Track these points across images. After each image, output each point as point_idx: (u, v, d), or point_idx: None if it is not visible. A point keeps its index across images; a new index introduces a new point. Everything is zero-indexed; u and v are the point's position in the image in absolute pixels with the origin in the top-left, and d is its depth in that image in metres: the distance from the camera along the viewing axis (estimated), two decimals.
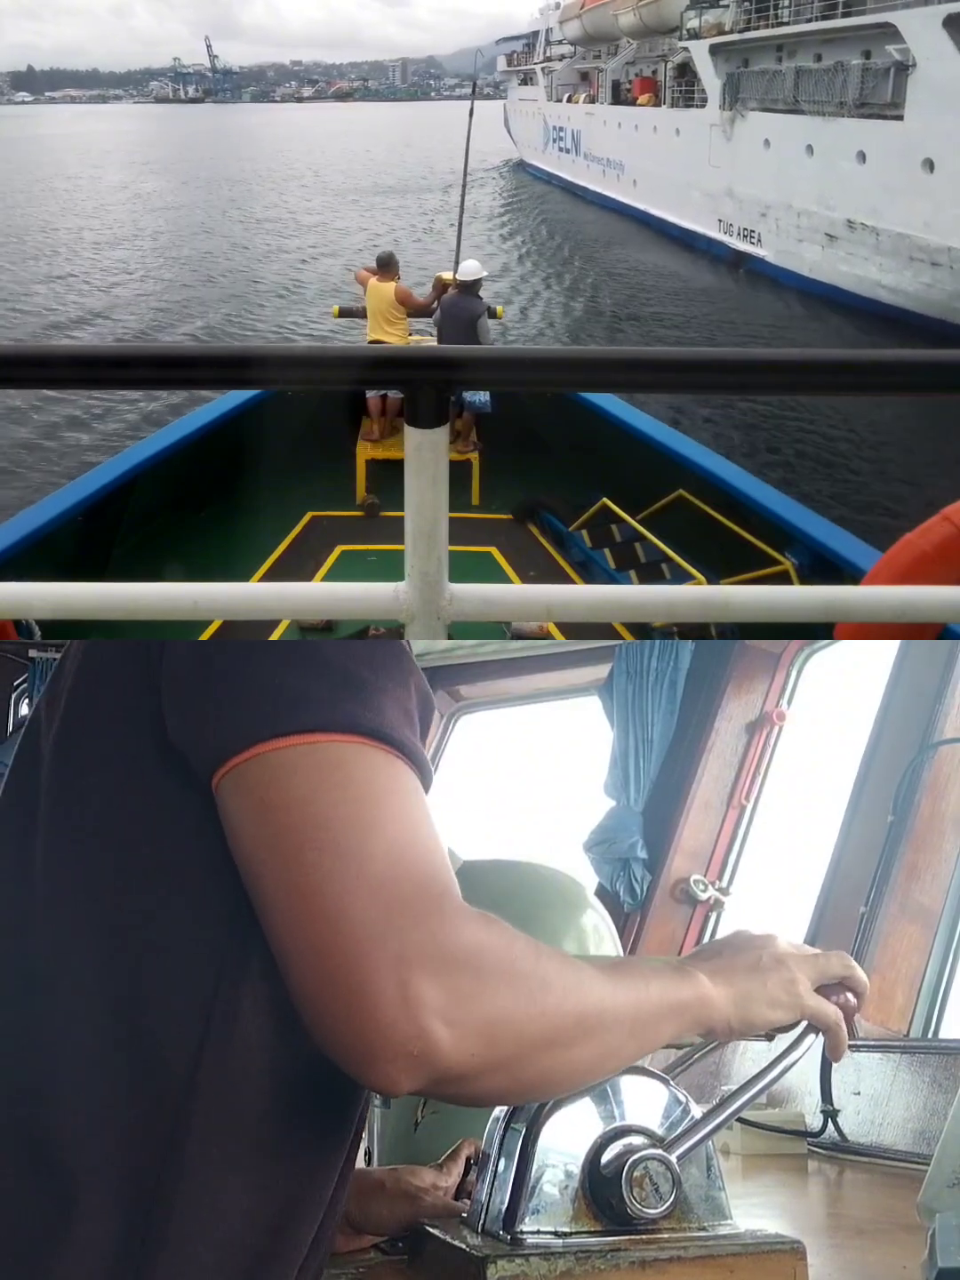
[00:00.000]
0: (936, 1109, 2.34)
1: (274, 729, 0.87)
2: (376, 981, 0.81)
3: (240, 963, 0.91)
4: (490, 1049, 0.85)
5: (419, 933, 0.82)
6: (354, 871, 0.83)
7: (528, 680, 4.58)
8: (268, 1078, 0.91)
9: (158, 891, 0.91)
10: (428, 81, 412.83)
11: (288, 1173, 0.93)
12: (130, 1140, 0.88)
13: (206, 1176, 0.88)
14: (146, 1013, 0.89)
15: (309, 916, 0.83)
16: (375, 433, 7.55)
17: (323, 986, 0.83)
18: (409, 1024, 0.81)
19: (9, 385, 1.36)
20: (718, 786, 3.80)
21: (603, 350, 1.60)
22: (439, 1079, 0.84)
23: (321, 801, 0.85)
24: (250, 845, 0.87)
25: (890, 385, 1.47)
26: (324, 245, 28.07)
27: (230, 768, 0.87)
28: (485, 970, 0.85)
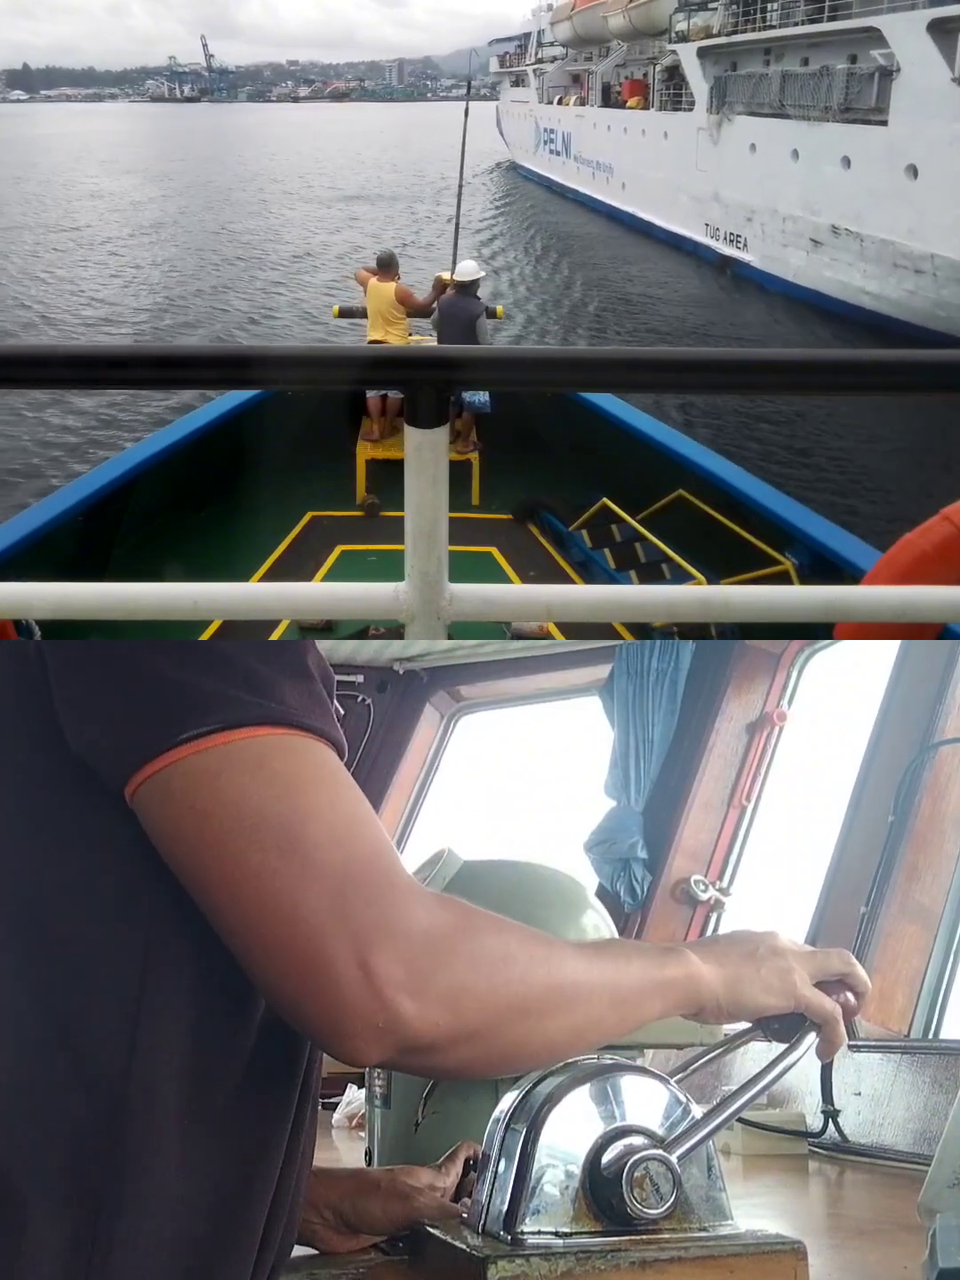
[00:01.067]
0: (937, 1109, 2.34)
1: (185, 732, 0.86)
2: (337, 965, 0.83)
3: (163, 959, 0.91)
4: (456, 1018, 0.87)
5: (372, 911, 0.84)
6: (299, 863, 0.84)
7: (528, 680, 4.58)
8: (200, 1069, 0.91)
9: (74, 900, 0.91)
10: (424, 82, 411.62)
11: (229, 1160, 0.93)
12: (70, 1147, 0.87)
13: (148, 1173, 0.88)
14: (75, 1019, 0.89)
15: (262, 914, 0.84)
16: (375, 433, 7.55)
17: (287, 977, 0.84)
18: (372, 999, 0.83)
19: (9, 385, 1.36)
20: (718, 786, 3.80)
21: (603, 350, 1.60)
22: (407, 1048, 0.86)
23: (253, 799, 0.85)
24: (188, 853, 0.86)
25: (890, 385, 1.47)
26: (301, 268, 25.18)
27: (146, 776, 0.86)
28: (443, 942, 0.87)
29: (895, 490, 11.17)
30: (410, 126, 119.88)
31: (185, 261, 25.96)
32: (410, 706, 4.66)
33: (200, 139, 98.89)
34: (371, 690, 4.62)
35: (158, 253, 27.31)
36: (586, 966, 0.96)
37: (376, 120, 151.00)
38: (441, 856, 1.68)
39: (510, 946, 0.92)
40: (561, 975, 0.94)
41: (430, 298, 8.19)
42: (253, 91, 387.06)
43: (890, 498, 10.93)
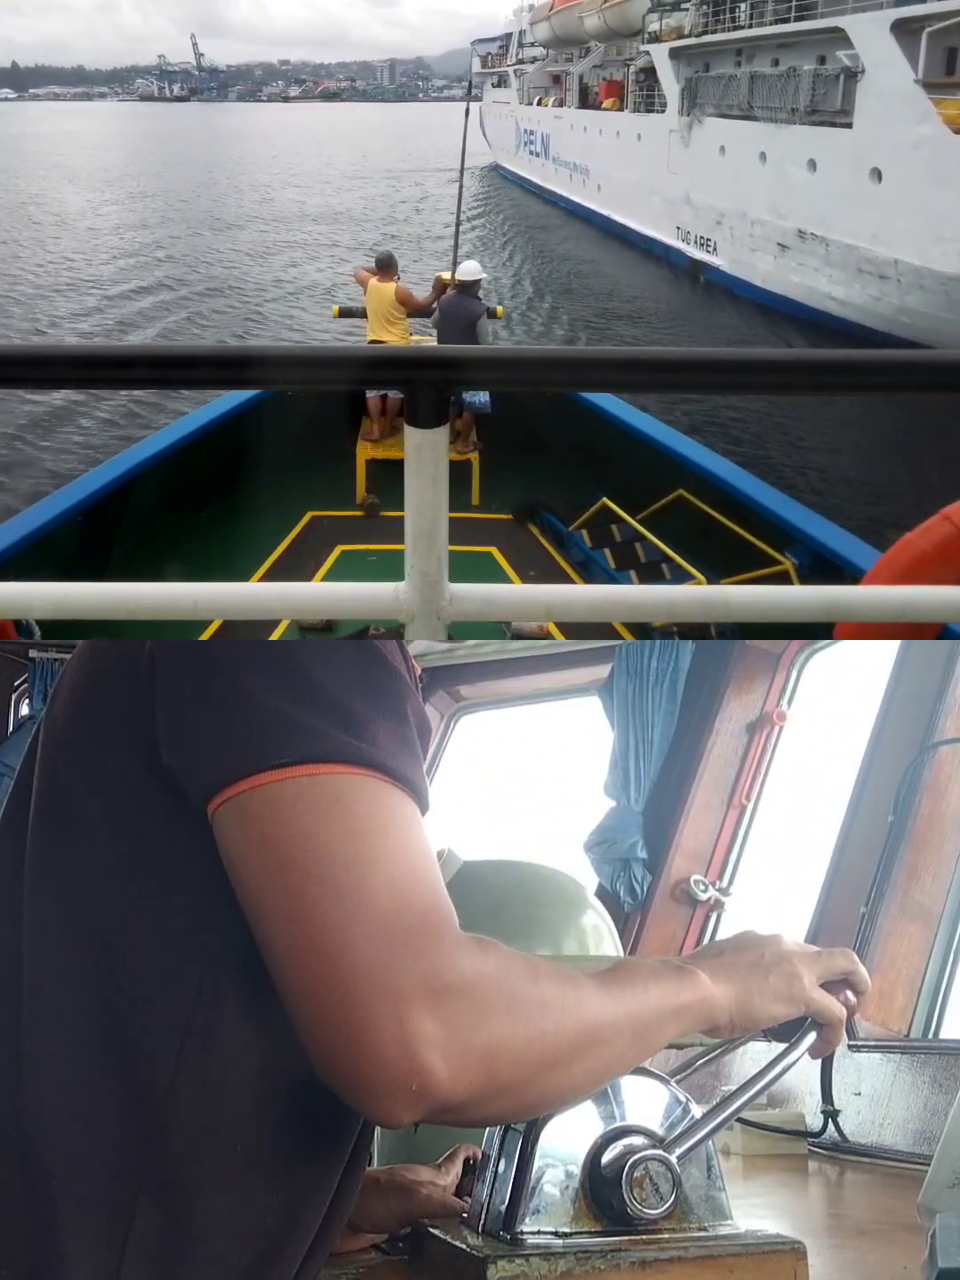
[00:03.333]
0: (936, 1109, 2.34)
1: (272, 760, 0.86)
2: (375, 1019, 0.81)
3: (223, 981, 0.91)
4: (490, 1078, 0.86)
5: (417, 968, 0.83)
6: (354, 907, 0.83)
7: (528, 680, 4.58)
8: (251, 1094, 0.91)
9: (143, 910, 0.91)
10: (415, 82, 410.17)
11: (278, 1189, 0.93)
12: (114, 1160, 0.88)
13: (190, 1196, 0.88)
14: (128, 1031, 0.89)
15: (309, 952, 0.83)
16: (375, 433, 7.55)
17: (323, 1021, 0.83)
18: (408, 1060, 0.81)
19: (9, 385, 1.36)
20: (718, 786, 3.80)
21: (603, 350, 1.60)
22: (439, 1110, 0.85)
23: (322, 836, 0.85)
24: (251, 877, 0.86)
25: (890, 385, 1.48)
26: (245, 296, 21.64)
27: (227, 797, 0.87)
28: (483, 999, 0.86)
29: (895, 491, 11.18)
30: (397, 127, 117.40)
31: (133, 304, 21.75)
32: None
33: (165, 139, 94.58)
34: None
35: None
36: (612, 1005, 0.95)
37: (363, 121, 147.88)
38: (441, 856, 1.68)
39: (545, 995, 0.90)
40: (589, 1019, 0.93)
41: (430, 298, 8.19)
42: (243, 91, 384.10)
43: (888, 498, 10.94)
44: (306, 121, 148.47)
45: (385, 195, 42.39)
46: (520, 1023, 0.87)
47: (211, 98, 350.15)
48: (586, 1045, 0.92)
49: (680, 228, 26.64)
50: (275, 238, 29.97)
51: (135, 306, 20.74)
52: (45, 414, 13.74)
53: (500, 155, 53.09)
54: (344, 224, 33.12)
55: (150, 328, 18.89)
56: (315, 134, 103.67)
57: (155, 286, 22.50)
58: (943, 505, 3.08)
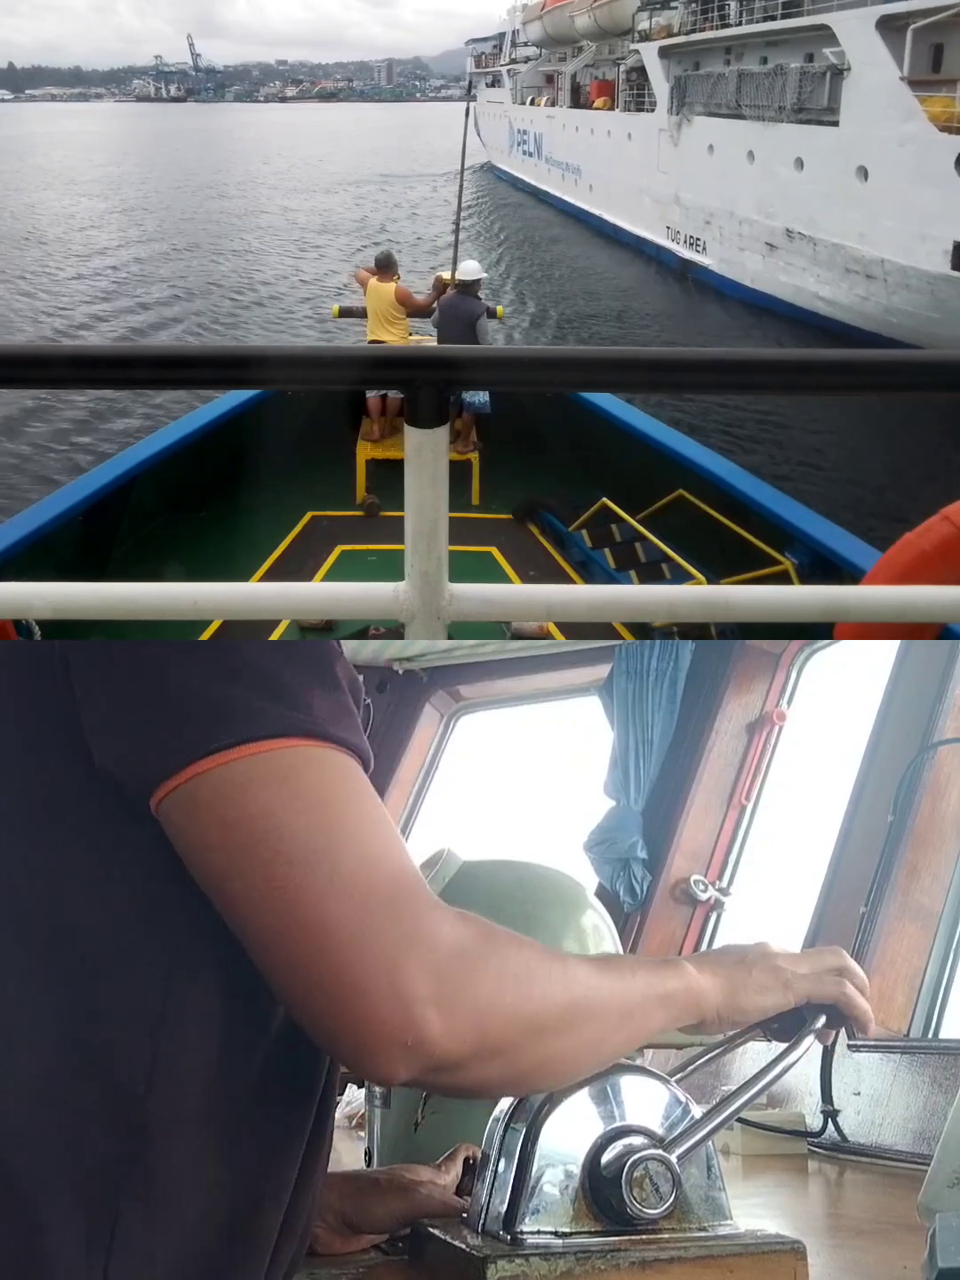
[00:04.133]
0: (936, 1109, 2.34)
1: (214, 744, 0.86)
2: (366, 980, 0.82)
3: (187, 973, 0.90)
4: (482, 1036, 0.86)
5: (401, 927, 0.84)
6: (327, 878, 0.84)
7: (528, 680, 4.58)
8: (219, 1083, 0.91)
9: (97, 914, 0.90)
10: (413, 82, 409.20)
11: (244, 1173, 0.93)
12: (87, 1157, 0.87)
13: (164, 1184, 0.88)
14: (96, 1032, 0.89)
15: (290, 929, 0.83)
16: (375, 433, 7.55)
17: (313, 992, 0.84)
18: (402, 1014, 0.82)
19: (9, 385, 1.36)
20: (718, 786, 3.80)
21: (603, 350, 1.60)
22: (434, 1066, 0.85)
23: (280, 812, 0.85)
24: (215, 864, 0.86)
25: (890, 385, 1.47)
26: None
27: (172, 788, 0.86)
28: (470, 959, 0.87)
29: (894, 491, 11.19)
30: (392, 128, 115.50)
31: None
32: (410, 706, 4.66)
33: (154, 142, 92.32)
34: (371, 690, 4.62)
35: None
36: (597, 982, 0.96)
37: (360, 120, 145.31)
38: (441, 856, 1.68)
39: (529, 964, 0.91)
40: (576, 991, 0.94)
41: (430, 298, 8.19)
42: (240, 91, 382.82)
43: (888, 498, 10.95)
44: (302, 122, 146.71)
45: (377, 199, 41.55)
46: (508, 984, 0.89)
47: (208, 98, 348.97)
48: (574, 1016, 0.94)
49: (670, 227, 26.56)
50: (259, 246, 29.24)
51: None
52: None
53: (494, 155, 53.02)
54: (334, 235, 31.75)
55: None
56: (309, 135, 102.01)
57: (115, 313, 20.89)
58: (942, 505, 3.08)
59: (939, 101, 16.82)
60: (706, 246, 24.47)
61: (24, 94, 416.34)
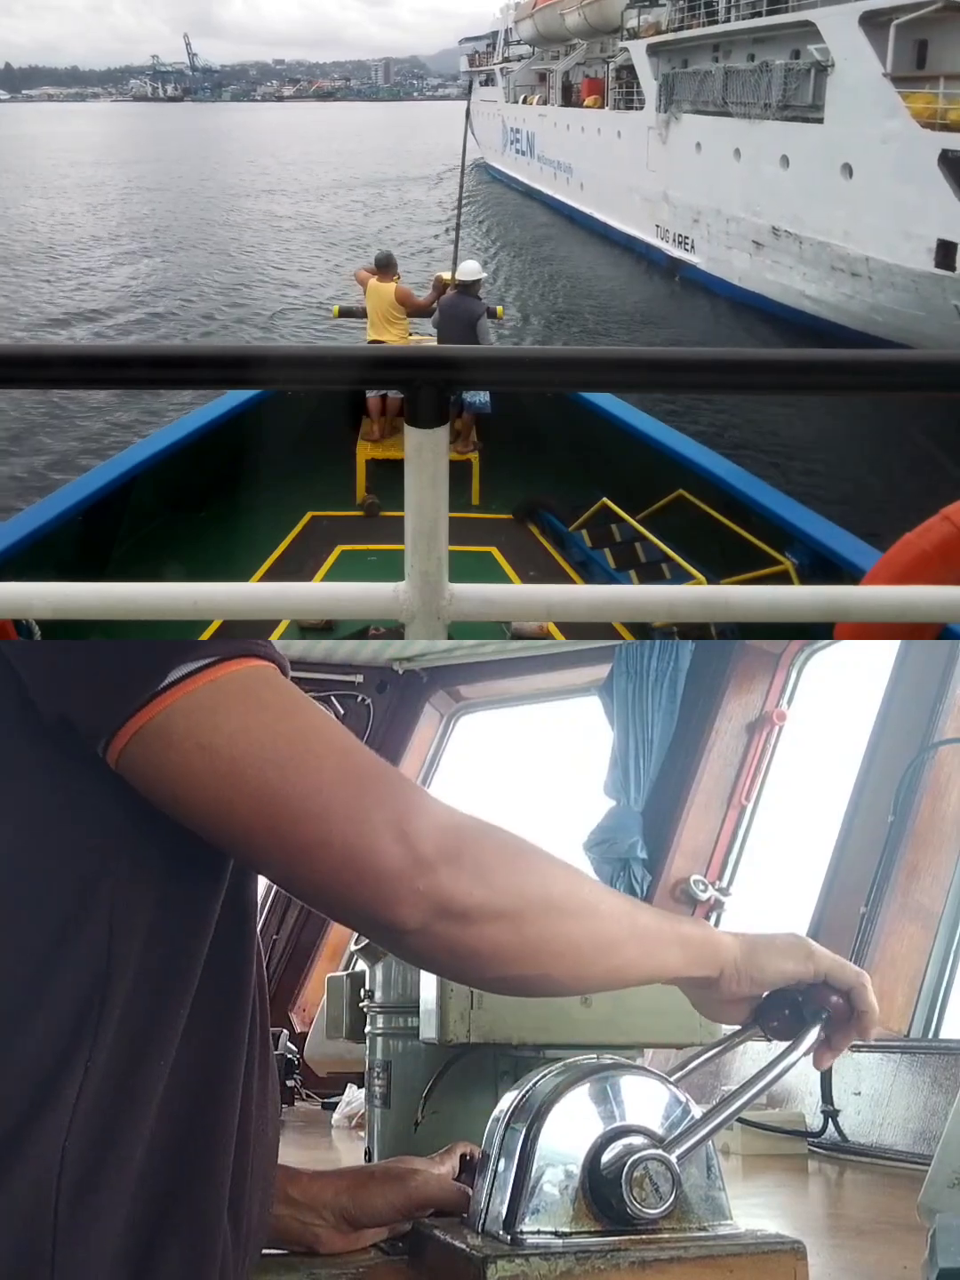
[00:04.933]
0: (936, 1109, 2.34)
1: (171, 674, 0.89)
2: (377, 844, 0.88)
3: (128, 918, 0.92)
4: (488, 890, 0.92)
5: (399, 798, 0.91)
6: (316, 772, 0.89)
7: (528, 680, 4.58)
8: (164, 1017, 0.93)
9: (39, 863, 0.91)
10: (410, 81, 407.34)
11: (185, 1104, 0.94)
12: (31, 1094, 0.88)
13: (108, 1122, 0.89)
14: (40, 979, 0.90)
15: (295, 821, 0.88)
16: (375, 433, 7.55)
17: (329, 872, 0.89)
18: (412, 862, 0.89)
19: (9, 385, 1.37)
20: (718, 786, 3.80)
21: (603, 350, 1.60)
22: (443, 912, 0.90)
23: (255, 726, 0.90)
24: (202, 788, 0.89)
25: (890, 385, 1.48)
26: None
27: (140, 724, 0.88)
28: (468, 827, 0.94)
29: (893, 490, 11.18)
30: (387, 127, 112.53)
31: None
32: (410, 706, 4.66)
33: (145, 143, 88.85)
34: (371, 690, 4.62)
35: None
36: (603, 891, 1.02)
37: (356, 120, 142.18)
38: None
39: (527, 846, 0.97)
40: (580, 884, 1.00)
41: (430, 298, 8.20)
42: (237, 91, 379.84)
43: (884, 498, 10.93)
44: (298, 122, 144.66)
45: (366, 204, 40.09)
46: (508, 853, 0.96)
47: (205, 98, 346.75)
48: (579, 906, 0.99)
49: (659, 226, 26.40)
50: (243, 260, 27.36)
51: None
52: None
53: (488, 153, 52.85)
54: (324, 240, 30.06)
55: None
56: (304, 135, 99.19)
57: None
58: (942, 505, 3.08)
59: (922, 98, 16.63)
60: (695, 245, 24.30)
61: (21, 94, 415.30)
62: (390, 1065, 1.68)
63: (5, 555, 4.88)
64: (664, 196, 25.84)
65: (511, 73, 48.83)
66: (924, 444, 11.85)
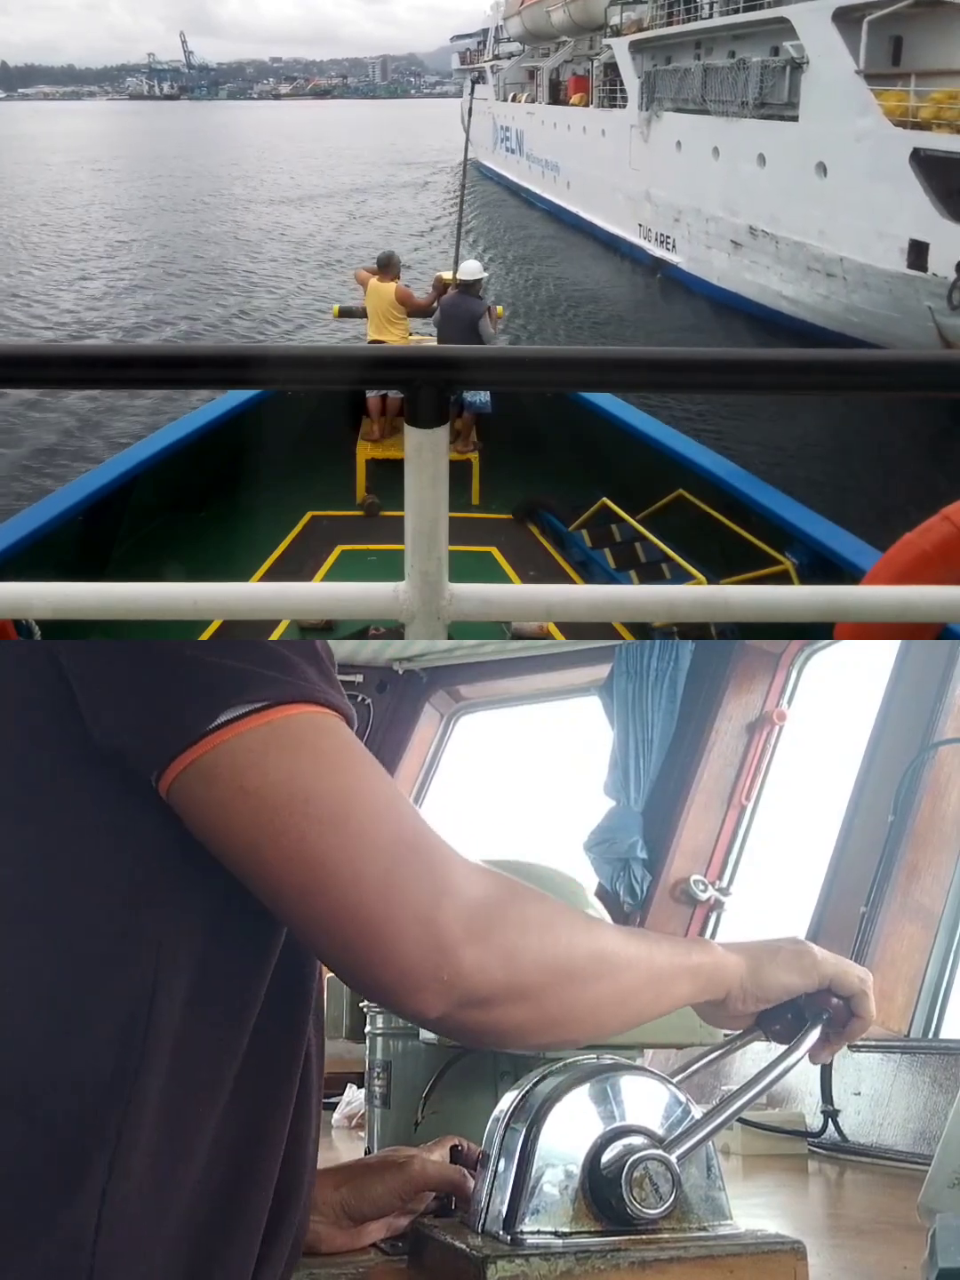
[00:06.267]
0: (937, 1109, 2.34)
1: (224, 714, 0.87)
2: (403, 924, 0.86)
3: (174, 955, 0.90)
4: (512, 974, 0.90)
5: (431, 874, 0.88)
6: (354, 836, 0.87)
7: (528, 680, 4.58)
8: (200, 1062, 0.92)
9: (85, 894, 0.90)
10: (408, 79, 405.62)
11: (229, 1152, 0.93)
12: (68, 1139, 0.87)
13: (151, 1158, 0.88)
14: (78, 1013, 0.88)
15: (324, 885, 0.86)
16: (375, 433, 7.56)
17: (351, 941, 0.87)
18: (436, 952, 0.87)
19: (9, 385, 1.36)
20: (718, 786, 3.80)
21: (603, 350, 1.60)
22: (466, 1001, 0.89)
23: (301, 777, 0.87)
24: (241, 831, 0.87)
25: (890, 385, 1.48)
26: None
27: (189, 761, 0.87)
28: (497, 905, 0.91)
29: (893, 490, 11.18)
30: (380, 126, 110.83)
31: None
32: (410, 706, 4.66)
33: (137, 143, 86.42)
34: (371, 690, 4.62)
35: None
36: (623, 940, 1.01)
37: (355, 119, 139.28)
38: None
39: (555, 914, 0.96)
40: (602, 944, 0.98)
41: (430, 298, 8.20)
42: (234, 89, 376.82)
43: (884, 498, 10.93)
44: (292, 120, 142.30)
45: (352, 213, 37.63)
46: (535, 927, 0.93)
47: (202, 96, 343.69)
48: (602, 968, 0.97)
49: (642, 225, 26.25)
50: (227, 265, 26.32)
51: None
52: None
53: (479, 151, 52.48)
54: (291, 257, 27.92)
55: None
56: (295, 135, 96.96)
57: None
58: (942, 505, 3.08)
59: (894, 95, 16.49)
60: (676, 244, 24.10)
61: (17, 93, 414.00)
62: (390, 1065, 1.68)
63: (5, 555, 4.88)
64: (646, 195, 25.72)
65: (501, 70, 48.71)
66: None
